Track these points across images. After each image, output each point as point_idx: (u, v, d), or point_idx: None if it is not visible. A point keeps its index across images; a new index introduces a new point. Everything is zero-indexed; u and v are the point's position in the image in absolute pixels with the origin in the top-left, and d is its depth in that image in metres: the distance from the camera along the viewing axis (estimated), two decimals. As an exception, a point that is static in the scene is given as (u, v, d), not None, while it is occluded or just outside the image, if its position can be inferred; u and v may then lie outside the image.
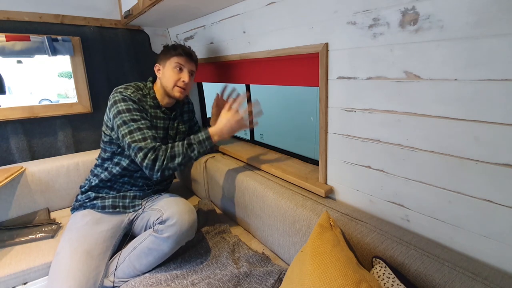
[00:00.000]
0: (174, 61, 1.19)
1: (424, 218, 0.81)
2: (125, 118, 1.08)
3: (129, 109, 1.10)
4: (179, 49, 1.20)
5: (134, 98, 1.13)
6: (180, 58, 1.19)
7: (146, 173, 1.06)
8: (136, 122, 1.08)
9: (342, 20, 0.84)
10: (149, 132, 1.08)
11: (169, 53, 1.20)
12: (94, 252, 1.04)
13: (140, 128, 1.07)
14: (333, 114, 0.98)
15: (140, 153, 1.04)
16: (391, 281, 0.66)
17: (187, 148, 1.07)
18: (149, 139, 1.06)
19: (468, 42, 0.62)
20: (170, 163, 1.04)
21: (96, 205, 1.18)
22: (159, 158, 1.03)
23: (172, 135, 1.31)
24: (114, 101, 1.11)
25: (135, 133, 1.06)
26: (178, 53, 1.19)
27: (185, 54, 1.20)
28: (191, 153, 1.07)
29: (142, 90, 1.21)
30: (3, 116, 1.41)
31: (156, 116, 1.22)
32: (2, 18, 1.37)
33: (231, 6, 1.21)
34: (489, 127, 0.63)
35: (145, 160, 1.03)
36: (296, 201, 1.05)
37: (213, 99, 1.48)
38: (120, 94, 1.12)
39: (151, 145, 1.05)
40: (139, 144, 1.04)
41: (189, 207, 1.09)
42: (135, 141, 1.05)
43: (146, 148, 1.04)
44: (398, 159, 0.82)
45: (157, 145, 1.06)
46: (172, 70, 1.19)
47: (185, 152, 1.06)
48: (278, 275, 0.99)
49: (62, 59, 1.54)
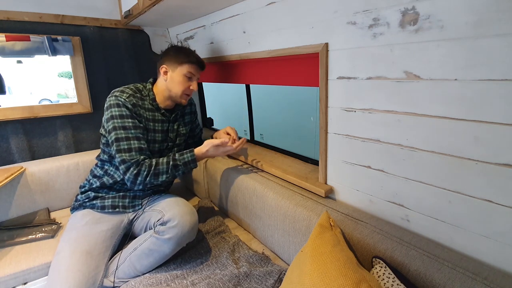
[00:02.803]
0: (187, 69, 1.18)
1: (424, 218, 0.81)
2: (116, 124, 1.08)
3: (122, 115, 1.09)
4: (192, 57, 1.19)
5: (129, 104, 1.11)
6: (193, 67, 1.19)
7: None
8: (126, 130, 1.08)
9: (342, 20, 0.84)
10: (136, 144, 1.08)
11: (181, 59, 1.18)
12: (94, 252, 1.04)
13: (128, 137, 1.07)
14: (333, 114, 0.98)
15: (123, 166, 1.06)
16: (391, 281, 0.66)
17: (171, 169, 1.08)
18: (133, 151, 1.06)
19: (468, 42, 0.62)
20: (153, 179, 1.07)
21: (95, 205, 1.18)
22: (141, 173, 1.05)
23: (172, 137, 1.30)
24: (109, 105, 1.11)
25: (121, 142, 1.06)
26: (191, 61, 1.18)
27: (198, 63, 1.20)
28: (175, 172, 1.10)
29: (141, 92, 1.20)
30: (3, 116, 1.42)
31: (154, 119, 1.21)
32: (2, 18, 1.37)
33: (231, 6, 1.21)
34: (489, 127, 0.63)
35: (127, 173, 1.05)
36: (296, 201, 1.05)
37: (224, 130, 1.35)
38: (115, 98, 1.11)
39: (135, 158, 1.06)
40: (123, 156, 1.05)
41: (190, 209, 1.09)
42: (120, 150, 1.06)
43: (130, 162, 1.05)
44: (398, 159, 0.82)
45: (141, 159, 1.07)
46: (182, 77, 1.18)
47: (169, 172, 1.08)
48: (278, 275, 0.99)
49: (62, 59, 1.55)
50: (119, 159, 1.06)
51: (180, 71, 1.18)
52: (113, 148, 1.08)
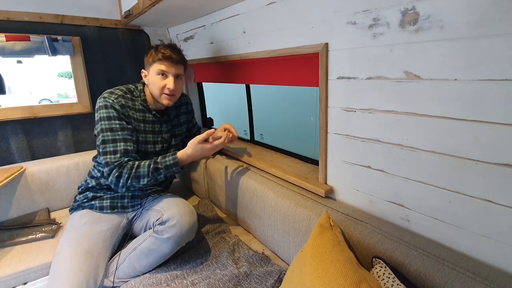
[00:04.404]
0: (157, 67, 1.12)
1: (424, 218, 0.81)
2: (103, 126, 1.08)
3: (109, 117, 1.08)
4: (160, 54, 1.10)
5: (117, 105, 1.10)
6: (161, 64, 1.11)
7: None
8: (113, 132, 1.07)
9: (342, 20, 0.84)
10: (122, 145, 1.07)
11: (151, 58, 1.13)
12: (94, 252, 1.04)
13: (114, 139, 1.07)
14: (333, 114, 0.98)
15: (106, 168, 1.05)
16: (391, 281, 0.66)
17: (152, 172, 1.04)
18: (119, 153, 1.05)
19: (468, 42, 0.62)
20: (134, 182, 1.04)
21: (94, 205, 1.18)
22: (122, 175, 1.03)
23: (166, 138, 1.29)
24: (98, 107, 1.11)
25: (107, 144, 1.06)
26: (158, 59, 1.10)
27: (166, 59, 1.10)
28: (157, 176, 1.06)
29: (132, 93, 1.19)
30: (3, 116, 1.42)
31: (144, 120, 1.20)
32: (2, 18, 1.37)
33: (231, 6, 1.21)
34: (489, 127, 0.63)
35: (110, 176, 1.04)
36: (296, 201, 1.05)
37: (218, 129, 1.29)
38: (104, 100, 1.10)
39: (119, 160, 1.04)
40: (107, 158, 1.05)
41: (189, 208, 1.09)
42: (105, 153, 1.05)
43: (113, 164, 1.04)
44: (398, 159, 0.82)
45: (124, 161, 1.05)
46: (155, 77, 1.13)
47: (150, 175, 1.04)
48: (278, 275, 0.99)
49: (62, 59, 1.55)
50: (104, 162, 1.05)
51: (152, 71, 1.14)
52: (99, 149, 1.07)
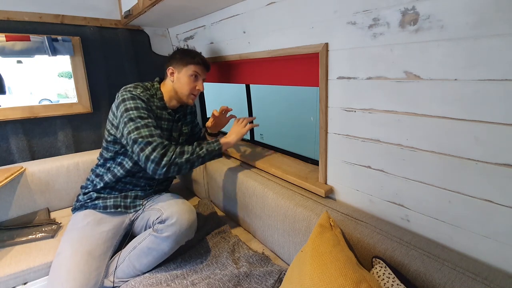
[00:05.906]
0: (192, 69, 1.21)
1: (424, 218, 0.81)
2: (133, 116, 1.07)
3: (137, 107, 1.09)
4: (198, 58, 1.22)
5: (143, 98, 1.13)
6: (198, 67, 1.22)
7: (149, 170, 1.03)
8: (144, 119, 1.08)
9: (342, 20, 0.84)
10: (156, 131, 1.08)
11: (187, 60, 1.21)
12: (95, 253, 1.04)
13: (147, 125, 1.07)
14: (333, 114, 0.98)
15: (149, 147, 1.02)
16: (391, 281, 0.66)
17: (196, 149, 1.10)
18: (156, 136, 1.06)
19: (468, 42, 0.62)
20: (178, 159, 1.04)
21: (97, 205, 1.18)
22: (168, 153, 1.03)
23: (175, 136, 1.31)
24: (123, 99, 1.10)
25: (142, 129, 1.05)
26: (196, 62, 1.21)
27: (203, 64, 1.24)
28: (199, 151, 1.11)
29: (149, 90, 1.21)
30: (3, 116, 1.41)
31: (161, 117, 1.22)
32: (2, 18, 1.37)
33: (231, 6, 1.21)
34: (489, 127, 0.63)
35: (153, 153, 1.01)
36: (296, 201, 1.05)
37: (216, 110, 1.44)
38: (129, 92, 1.12)
39: (159, 140, 1.05)
40: (146, 139, 1.03)
41: (188, 207, 1.09)
42: (142, 136, 1.04)
43: (156, 142, 1.03)
44: (398, 159, 0.82)
45: (166, 142, 1.06)
46: (188, 78, 1.21)
47: (195, 151, 1.10)
48: (278, 275, 0.99)
49: (62, 59, 1.54)
50: (144, 143, 1.02)
51: (186, 71, 1.21)
52: (131, 136, 1.04)
